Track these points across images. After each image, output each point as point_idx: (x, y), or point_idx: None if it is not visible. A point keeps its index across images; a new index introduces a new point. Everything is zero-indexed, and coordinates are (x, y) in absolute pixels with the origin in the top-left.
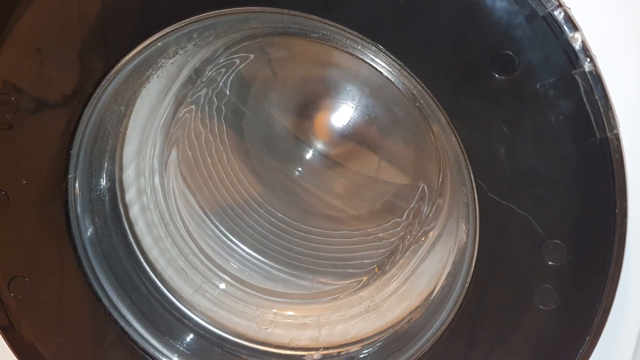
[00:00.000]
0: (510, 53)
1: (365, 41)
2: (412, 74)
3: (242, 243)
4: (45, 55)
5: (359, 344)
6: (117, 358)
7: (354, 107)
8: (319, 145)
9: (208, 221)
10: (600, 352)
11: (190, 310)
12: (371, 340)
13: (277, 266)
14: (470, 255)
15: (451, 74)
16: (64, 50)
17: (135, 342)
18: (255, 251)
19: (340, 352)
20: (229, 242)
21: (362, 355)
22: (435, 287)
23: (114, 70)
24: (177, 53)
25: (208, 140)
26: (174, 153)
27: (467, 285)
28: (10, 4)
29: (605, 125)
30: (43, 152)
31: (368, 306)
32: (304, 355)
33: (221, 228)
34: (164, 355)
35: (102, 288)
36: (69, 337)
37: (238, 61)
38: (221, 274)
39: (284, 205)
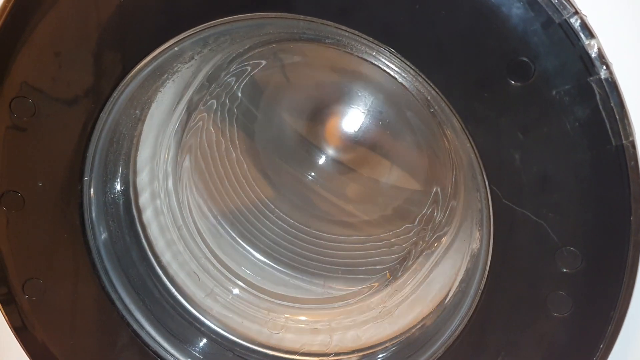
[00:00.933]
0: (526, 60)
1: (380, 47)
2: (426, 79)
3: (254, 248)
4: (64, 58)
5: (371, 350)
6: None
7: (367, 112)
8: (331, 151)
9: (219, 226)
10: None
11: (202, 314)
12: (383, 346)
13: (289, 271)
14: (483, 262)
15: (466, 80)
16: (82, 53)
17: (147, 345)
18: (267, 256)
19: (352, 357)
20: (240, 247)
21: None
22: (448, 293)
23: (130, 74)
24: (192, 58)
25: (220, 145)
26: (187, 158)
27: (480, 291)
28: (30, 8)
29: (621, 132)
30: (59, 155)
31: (380, 312)
32: None
33: (232, 233)
34: (175, 358)
35: (116, 291)
36: (82, 339)
37: (251, 67)
38: (233, 279)
39: (296, 210)
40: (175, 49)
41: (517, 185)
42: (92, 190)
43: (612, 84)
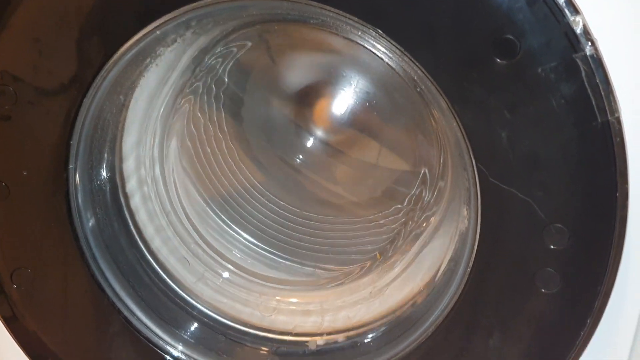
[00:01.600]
0: (512, 37)
1: (366, 27)
2: (412, 59)
3: (244, 232)
4: (44, 45)
5: (363, 329)
6: (121, 347)
7: (355, 94)
8: (320, 133)
9: (209, 210)
10: (601, 334)
11: (193, 299)
12: (374, 325)
13: (280, 254)
14: (472, 240)
15: (452, 59)
16: (62, 39)
17: (139, 332)
18: (257, 239)
19: (344, 337)
20: (230, 231)
21: (366, 340)
22: (437, 272)
23: (112, 59)
24: (175, 41)
25: (207, 129)
26: (173, 143)
27: (469, 269)
28: None
29: (607, 108)
30: (43, 143)
31: (371, 292)
32: (307, 341)
33: (223, 217)
34: (168, 344)
35: (105, 278)
36: (73, 327)
37: (236, 49)
38: (224, 263)
39: (285, 193)
40: (157, 32)
41: (504, 164)
42: (77, 177)
43: (598, 60)
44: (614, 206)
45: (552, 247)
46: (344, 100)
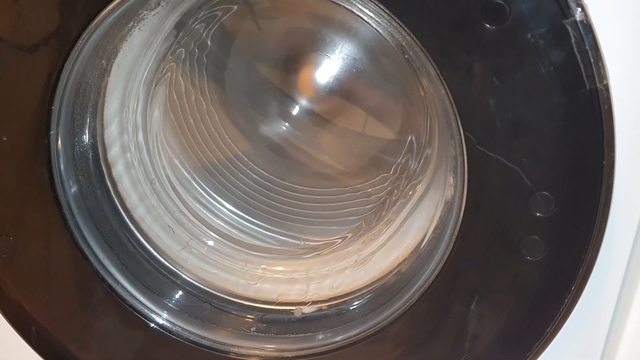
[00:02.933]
0: (501, 2)
1: None
2: (401, 24)
3: (228, 202)
4: (23, 5)
5: (348, 297)
6: (105, 315)
7: (341, 60)
8: (305, 101)
9: (192, 180)
10: (584, 301)
11: (177, 268)
12: (360, 293)
13: (264, 224)
14: (457, 208)
15: (441, 24)
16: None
17: (123, 300)
18: (242, 210)
19: (329, 305)
20: (214, 200)
21: (351, 308)
22: (423, 240)
23: (94, 21)
24: (159, 4)
25: (190, 97)
26: (156, 110)
27: (454, 237)
28: None
29: (595, 76)
30: (23, 108)
31: (356, 260)
32: (293, 310)
33: (206, 187)
34: (152, 312)
35: (89, 246)
36: (56, 295)
37: (220, 13)
38: (209, 232)
39: (270, 162)
40: None
41: (492, 131)
42: (59, 143)
43: (587, 26)
44: (600, 174)
45: (537, 214)
46: (330, 67)
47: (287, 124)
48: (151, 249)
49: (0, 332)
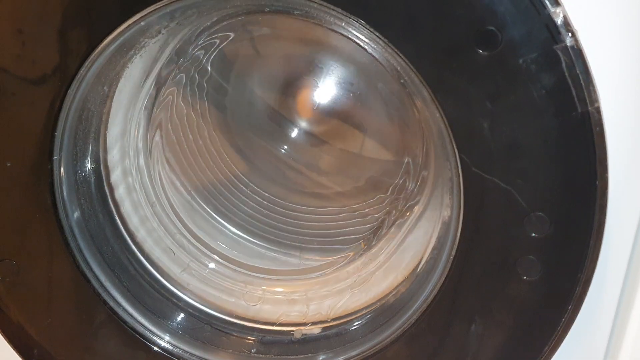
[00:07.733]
0: (493, 29)
1: (349, 17)
2: (396, 50)
3: (229, 222)
4: (27, 36)
5: (348, 318)
6: (107, 338)
7: (338, 84)
8: (303, 123)
9: (193, 202)
10: (581, 321)
11: (178, 290)
12: (360, 314)
13: (264, 244)
14: (454, 229)
15: (434, 50)
16: (45, 30)
17: (125, 322)
18: (242, 230)
19: (330, 325)
20: (215, 222)
21: (351, 328)
22: (420, 261)
23: (97, 50)
24: (159, 32)
25: (191, 121)
26: (157, 134)
27: (452, 258)
28: None
29: (587, 98)
30: (27, 134)
31: (355, 280)
32: (293, 331)
33: (206, 208)
34: (154, 334)
35: (91, 269)
36: (58, 318)
37: (219, 40)
38: (209, 253)
39: (270, 183)
40: (142, 23)
41: (486, 154)
42: (62, 169)
43: (578, 51)
44: (594, 195)
45: (533, 235)
46: (327, 90)
47: (286, 146)
48: (153, 271)
49: (3, 355)
